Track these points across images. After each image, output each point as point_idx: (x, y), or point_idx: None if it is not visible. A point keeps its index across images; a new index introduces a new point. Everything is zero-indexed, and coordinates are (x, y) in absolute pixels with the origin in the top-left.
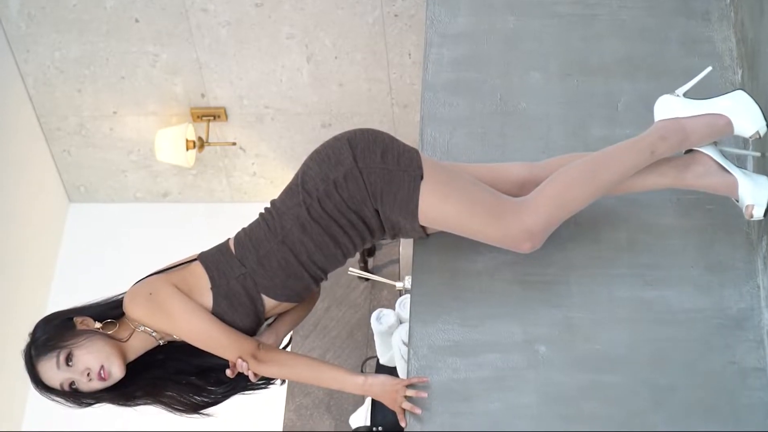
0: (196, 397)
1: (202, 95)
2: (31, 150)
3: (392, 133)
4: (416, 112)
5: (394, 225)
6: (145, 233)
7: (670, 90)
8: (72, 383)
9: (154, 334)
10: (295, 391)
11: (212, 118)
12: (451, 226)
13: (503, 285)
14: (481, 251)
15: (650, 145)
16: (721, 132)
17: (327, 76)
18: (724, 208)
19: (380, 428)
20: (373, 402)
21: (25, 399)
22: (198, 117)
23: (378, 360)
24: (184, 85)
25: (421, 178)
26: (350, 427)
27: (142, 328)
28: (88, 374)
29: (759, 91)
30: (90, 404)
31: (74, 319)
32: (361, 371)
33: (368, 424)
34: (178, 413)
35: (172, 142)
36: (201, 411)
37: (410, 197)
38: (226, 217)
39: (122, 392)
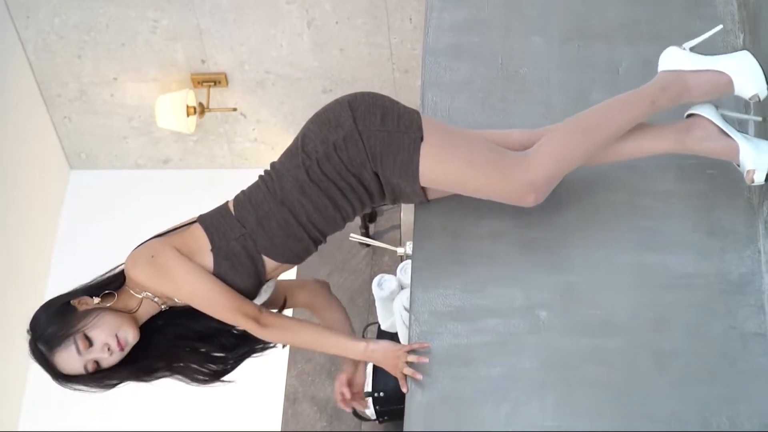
0: (211, 365)
1: (203, 61)
2: (31, 117)
3: (393, 98)
4: (417, 77)
5: (395, 188)
6: (146, 200)
7: None
8: (96, 363)
9: (156, 299)
10: (297, 357)
11: (213, 84)
12: (453, 185)
13: (504, 250)
14: (483, 216)
15: (651, 95)
16: (721, 90)
17: (327, 42)
18: (725, 172)
19: (382, 393)
20: (375, 368)
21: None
22: (198, 83)
23: (379, 326)
24: (184, 51)
25: (422, 139)
26: None
27: (144, 294)
28: (109, 348)
29: (760, 55)
30: (113, 385)
31: (71, 302)
32: (363, 337)
33: (369, 389)
34: (197, 383)
35: (172, 109)
36: (219, 378)
37: (410, 159)
38: (228, 183)
39: (137, 366)
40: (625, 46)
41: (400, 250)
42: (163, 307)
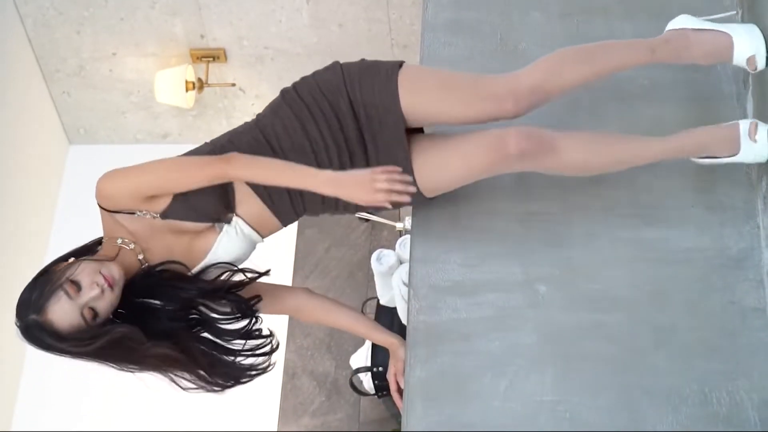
0: (218, 367)
1: (202, 36)
2: (30, 92)
3: None
4: (416, 52)
5: (374, 129)
6: None
7: None
8: (91, 309)
9: (132, 246)
10: (296, 332)
11: (212, 59)
12: (433, 109)
13: (503, 225)
14: (482, 191)
15: (652, 45)
16: (722, 51)
17: (327, 17)
18: None
19: (380, 368)
20: (374, 344)
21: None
22: (197, 58)
23: (378, 300)
24: (183, 26)
25: (399, 67)
26: (351, 368)
27: (120, 240)
28: (98, 285)
29: None
30: (108, 347)
31: (48, 270)
32: (361, 312)
33: (368, 364)
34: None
35: (171, 84)
36: (227, 383)
37: (388, 80)
38: None
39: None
40: (624, 21)
41: (399, 225)
42: (140, 257)
